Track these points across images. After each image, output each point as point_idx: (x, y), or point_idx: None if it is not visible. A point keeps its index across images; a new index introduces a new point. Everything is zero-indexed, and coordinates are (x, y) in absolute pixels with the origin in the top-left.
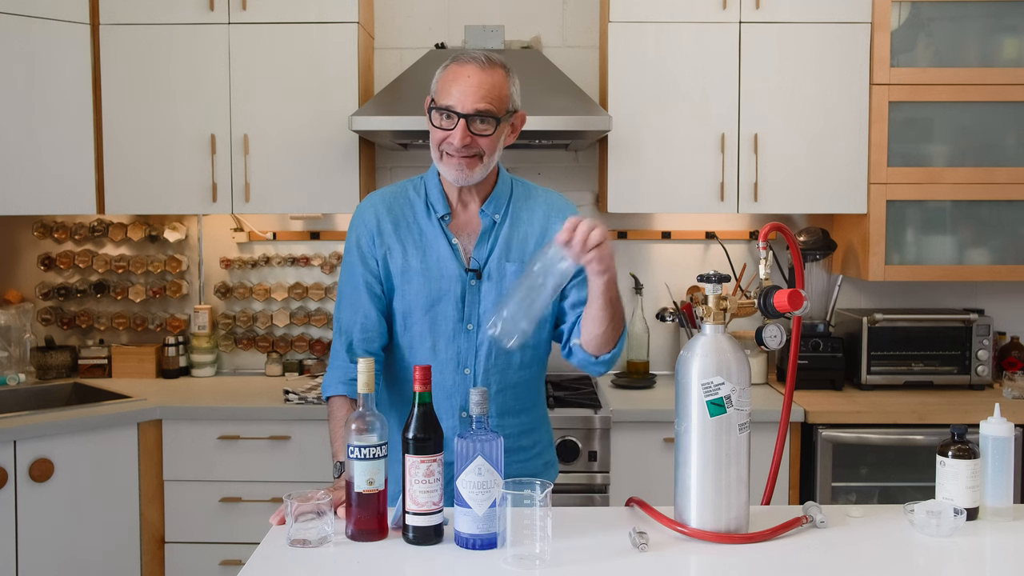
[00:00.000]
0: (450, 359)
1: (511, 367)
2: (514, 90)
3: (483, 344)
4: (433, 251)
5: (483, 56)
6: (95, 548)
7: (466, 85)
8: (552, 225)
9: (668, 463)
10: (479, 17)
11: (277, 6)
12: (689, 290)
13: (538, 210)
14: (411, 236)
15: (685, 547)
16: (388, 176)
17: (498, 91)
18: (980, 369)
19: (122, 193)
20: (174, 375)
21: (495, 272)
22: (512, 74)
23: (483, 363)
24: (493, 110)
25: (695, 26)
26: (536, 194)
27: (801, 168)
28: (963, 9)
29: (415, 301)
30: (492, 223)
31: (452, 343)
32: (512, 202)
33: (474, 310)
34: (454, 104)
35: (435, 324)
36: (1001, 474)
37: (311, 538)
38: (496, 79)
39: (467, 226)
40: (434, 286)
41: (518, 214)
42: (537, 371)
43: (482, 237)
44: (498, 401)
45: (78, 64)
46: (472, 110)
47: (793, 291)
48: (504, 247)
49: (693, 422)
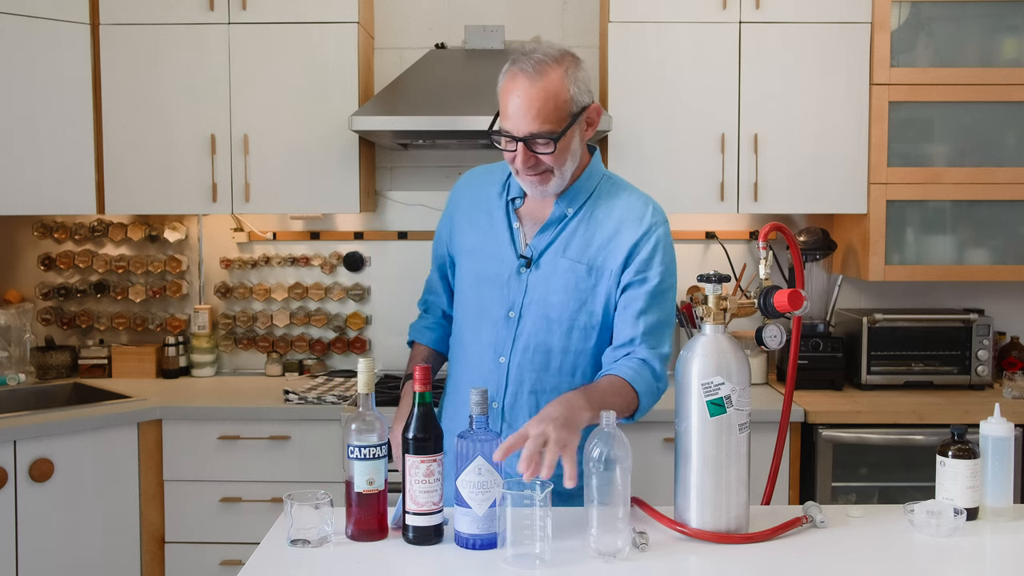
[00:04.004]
0: (489, 344)
1: (549, 370)
2: (576, 88)
3: (521, 335)
4: (493, 232)
5: (532, 63)
6: (95, 548)
7: (517, 107)
8: (621, 233)
9: (668, 463)
10: (479, 17)
11: (277, 6)
12: (689, 290)
13: (615, 213)
14: (481, 214)
15: (685, 547)
16: (388, 176)
17: (553, 103)
18: (980, 369)
19: (122, 193)
20: (174, 375)
21: (547, 264)
22: (572, 69)
23: (519, 356)
24: (549, 128)
25: (695, 26)
26: (620, 195)
27: (801, 168)
28: (963, 9)
29: (466, 279)
30: (563, 215)
31: (494, 328)
32: (593, 199)
33: (518, 298)
34: (510, 128)
35: (482, 306)
36: (1001, 474)
37: (311, 538)
38: (549, 88)
39: (538, 213)
40: (485, 267)
41: (594, 212)
42: (581, 382)
43: (546, 226)
44: (531, 403)
45: (78, 64)
46: (527, 133)
47: (793, 291)
48: (565, 242)
49: (693, 422)
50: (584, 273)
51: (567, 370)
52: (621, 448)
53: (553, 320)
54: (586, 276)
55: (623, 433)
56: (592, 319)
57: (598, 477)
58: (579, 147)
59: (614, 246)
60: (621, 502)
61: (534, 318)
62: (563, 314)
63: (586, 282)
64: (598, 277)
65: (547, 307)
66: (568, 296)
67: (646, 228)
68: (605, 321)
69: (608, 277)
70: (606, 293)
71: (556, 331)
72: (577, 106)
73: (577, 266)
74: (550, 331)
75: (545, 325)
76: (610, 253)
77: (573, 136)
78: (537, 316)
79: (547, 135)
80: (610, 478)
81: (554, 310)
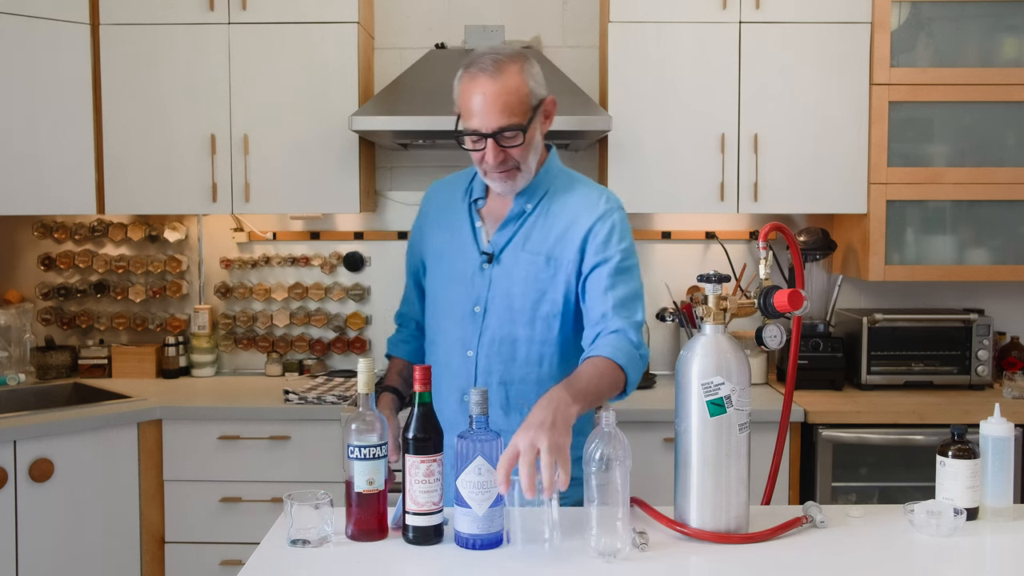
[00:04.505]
0: (457, 340)
1: (515, 361)
2: (533, 82)
3: (487, 329)
4: (459, 233)
5: (490, 61)
6: (95, 548)
7: (482, 103)
8: (576, 222)
9: (668, 463)
10: (479, 17)
11: (277, 6)
12: (689, 290)
13: (571, 204)
14: (449, 217)
15: (685, 547)
16: (388, 176)
17: (516, 96)
18: (980, 369)
19: (122, 193)
20: (174, 375)
21: (508, 259)
22: (526, 64)
23: (486, 348)
24: (516, 121)
25: (695, 26)
26: (576, 188)
27: (801, 168)
28: (963, 9)
29: (436, 279)
30: (522, 211)
31: (460, 324)
32: (550, 194)
33: (483, 293)
34: (478, 126)
35: (450, 304)
36: (1001, 474)
37: (311, 538)
38: (510, 83)
39: (498, 211)
40: (452, 265)
41: (551, 206)
42: (548, 371)
43: (506, 223)
44: (500, 394)
45: (78, 64)
46: (495, 128)
47: (793, 291)
48: (525, 236)
49: (693, 422)
50: (543, 264)
51: (534, 360)
52: (621, 448)
53: (517, 311)
54: (545, 266)
55: (623, 433)
56: (554, 308)
57: (598, 477)
58: (540, 141)
59: (571, 235)
60: (621, 502)
61: (499, 311)
62: (525, 304)
63: (545, 272)
64: (557, 267)
65: (510, 299)
66: (529, 287)
67: (600, 213)
68: (567, 309)
69: (567, 266)
70: (566, 282)
71: (520, 322)
72: (536, 99)
73: (536, 258)
74: (514, 322)
75: (509, 317)
76: (568, 242)
77: (536, 128)
78: (501, 308)
79: (515, 127)
80: (610, 478)
81: (517, 301)
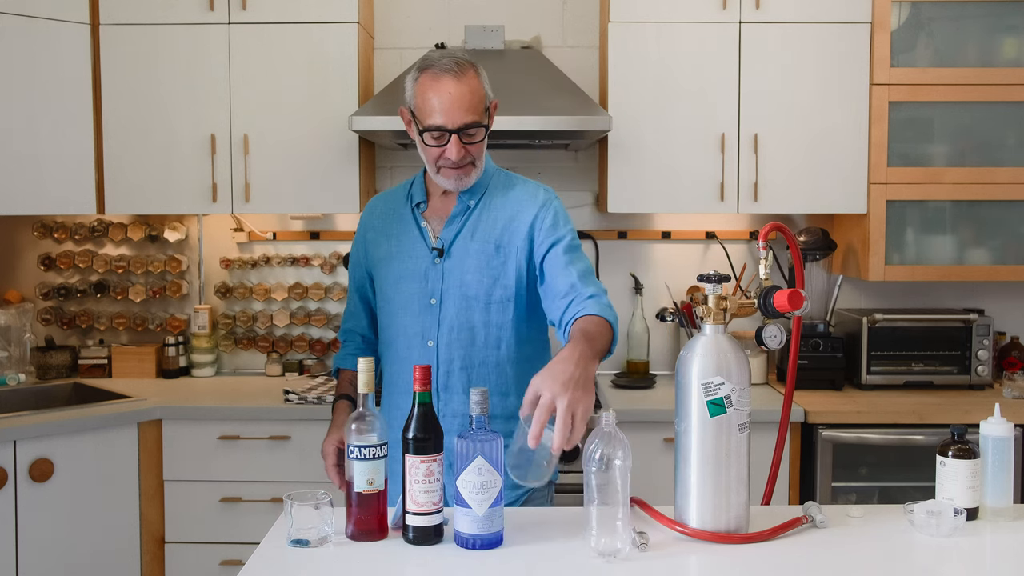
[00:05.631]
0: (416, 333)
1: (475, 345)
2: (486, 86)
3: (446, 318)
4: (406, 236)
5: (452, 63)
6: (95, 548)
7: (449, 101)
8: (521, 212)
9: (668, 463)
10: (479, 17)
11: (277, 6)
12: (689, 290)
13: (512, 198)
14: (393, 225)
15: (685, 547)
16: (388, 176)
17: (477, 96)
18: (980, 369)
19: (122, 193)
20: (174, 375)
21: (458, 250)
22: (479, 69)
23: (445, 336)
24: (478, 118)
25: (695, 26)
26: (516, 184)
27: (801, 168)
28: (963, 9)
29: (387, 280)
30: (466, 207)
31: (418, 318)
32: (490, 191)
33: (437, 286)
34: (443, 123)
35: (405, 301)
36: (1001, 474)
37: (311, 538)
38: (472, 84)
39: (442, 210)
40: (403, 266)
41: (492, 201)
42: (507, 352)
43: (452, 218)
44: (463, 378)
45: (78, 64)
46: (461, 124)
47: (793, 291)
48: (472, 228)
49: (693, 422)
50: (493, 251)
51: (492, 343)
52: (621, 448)
53: (471, 298)
54: (495, 254)
55: (623, 433)
56: (507, 292)
57: (598, 477)
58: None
59: (517, 224)
60: (621, 502)
61: (454, 300)
62: (479, 291)
63: (496, 259)
64: (507, 254)
65: (465, 287)
66: (482, 274)
67: (542, 202)
68: (519, 292)
69: (516, 253)
70: (516, 268)
71: (476, 308)
72: (488, 100)
73: (486, 246)
74: (470, 309)
75: (465, 304)
76: (515, 231)
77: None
78: (457, 297)
79: (477, 124)
80: (610, 478)
81: (471, 289)
